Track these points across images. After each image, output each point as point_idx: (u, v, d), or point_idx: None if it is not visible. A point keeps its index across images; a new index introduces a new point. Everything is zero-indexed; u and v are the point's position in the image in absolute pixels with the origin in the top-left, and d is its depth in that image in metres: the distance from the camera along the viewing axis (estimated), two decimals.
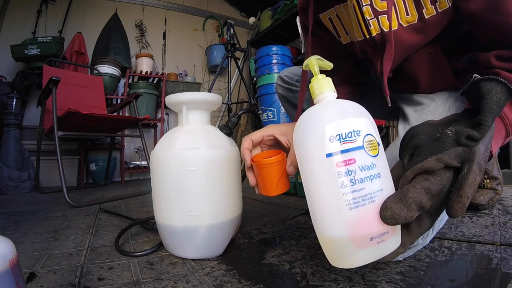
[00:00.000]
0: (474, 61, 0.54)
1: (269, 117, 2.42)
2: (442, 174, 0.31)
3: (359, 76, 0.73)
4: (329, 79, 0.34)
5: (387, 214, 0.28)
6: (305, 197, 0.33)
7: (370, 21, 0.54)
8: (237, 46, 2.19)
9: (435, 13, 0.50)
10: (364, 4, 0.52)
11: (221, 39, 3.10)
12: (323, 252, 0.33)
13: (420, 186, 0.30)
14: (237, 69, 2.45)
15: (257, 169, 0.47)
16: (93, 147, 2.46)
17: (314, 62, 0.35)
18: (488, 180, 0.82)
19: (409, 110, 0.59)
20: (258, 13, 3.14)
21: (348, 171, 0.28)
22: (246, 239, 0.69)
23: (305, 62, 0.36)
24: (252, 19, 3.17)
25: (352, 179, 0.28)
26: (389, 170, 0.32)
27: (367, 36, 0.56)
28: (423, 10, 0.51)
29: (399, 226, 0.31)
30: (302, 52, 2.37)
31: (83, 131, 1.71)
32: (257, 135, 0.52)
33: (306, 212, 0.94)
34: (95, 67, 2.32)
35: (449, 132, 0.32)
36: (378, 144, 0.30)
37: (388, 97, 0.54)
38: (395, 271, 0.47)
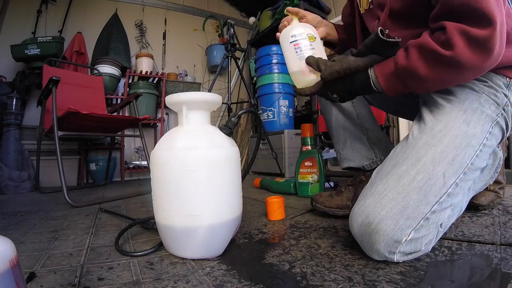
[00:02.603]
0: None
1: (269, 117, 2.41)
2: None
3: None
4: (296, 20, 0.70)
5: (306, 60, 0.59)
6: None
7: None
8: (237, 46, 2.18)
9: None
10: None
11: (221, 39, 3.10)
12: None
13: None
14: (237, 69, 2.45)
15: (267, 203, 0.89)
16: (93, 147, 2.46)
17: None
18: (491, 183, 0.82)
19: (425, 111, 0.59)
20: (258, 13, 3.13)
21: (298, 47, 0.62)
22: (246, 239, 0.69)
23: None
24: (252, 19, 3.17)
25: (298, 50, 0.62)
26: (323, 50, 0.64)
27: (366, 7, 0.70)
28: None
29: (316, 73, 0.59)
30: None
31: (83, 131, 1.70)
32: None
33: (306, 212, 0.94)
34: (95, 67, 2.31)
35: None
36: (315, 37, 0.64)
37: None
38: (395, 271, 0.47)
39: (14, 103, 1.96)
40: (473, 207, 0.80)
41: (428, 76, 0.49)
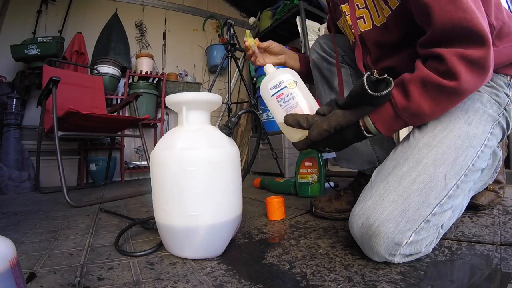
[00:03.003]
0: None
1: (269, 117, 2.41)
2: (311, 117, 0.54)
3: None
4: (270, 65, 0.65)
5: (286, 122, 0.55)
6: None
7: (351, 26, 0.67)
8: (237, 46, 2.18)
9: (390, 11, 0.58)
10: (347, 14, 0.68)
11: (221, 39, 3.10)
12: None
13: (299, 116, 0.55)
14: (237, 69, 2.45)
15: (267, 203, 0.89)
16: (93, 147, 2.46)
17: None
18: (491, 183, 0.82)
19: None
20: (258, 13, 3.13)
21: (280, 99, 0.58)
22: (246, 239, 0.69)
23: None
24: (252, 19, 3.17)
25: (282, 102, 0.58)
26: (307, 94, 0.59)
27: (352, 39, 0.70)
28: (383, 11, 0.60)
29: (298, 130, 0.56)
30: (302, 52, 2.37)
31: (83, 131, 1.70)
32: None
33: (307, 212, 0.94)
34: (95, 67, 2.31)
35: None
36: (296, 82, 0.58)
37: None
38: (395, 271, 0.47)
39: (14, 103, 1.96)
40: (473, 207, 0.80)
41: (434, 111, 0.48)
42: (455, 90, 0.44)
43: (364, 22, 0.65)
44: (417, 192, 0.49)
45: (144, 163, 2.49)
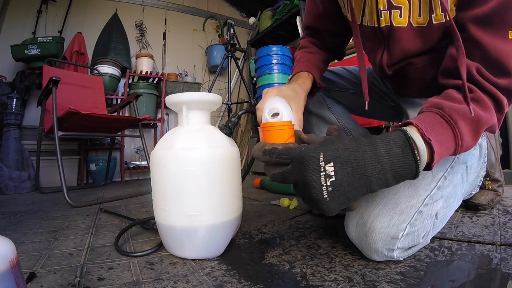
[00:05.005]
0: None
1: None
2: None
3: (339, 48, 0.78)
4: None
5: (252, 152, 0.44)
6: None
7: (382, 12, 0.55)
8: (237, 46, 2.19)
9: (443, 20, 0.49)
10: None
11: (221, 39, 3.10)
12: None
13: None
14: (237, 69, 2.45)
15: (263, 132, 0.48)
16: (93, 147, 2.46)
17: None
18: (489, 182, 0.82)
19: (412, 113, 0.59)
20: (258, 13, 3.14)
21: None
22: (246, 239, 0.69)
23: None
24: (252, 19, 3.17)
25: None
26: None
27: (376, 25, 0.57)
28: (433, 15, 0.50)
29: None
30: None
31: (83, 131, 1.70)
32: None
33: (307, 212, 0.94)
34: (95, 67, 2.31)
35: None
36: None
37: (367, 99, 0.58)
38: (395, 271, 0.47)
39: (14, 103, 1.96)
40: (473, 207, 0.80)
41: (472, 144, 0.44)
42: (492, 126, 0.44)
43: (400, 16, 0.53)
44: (406, 186, 0.50)
45: (144, 163, 2.49)
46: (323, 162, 0.38)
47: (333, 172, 0.38)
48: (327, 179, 0.38)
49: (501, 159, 0.90)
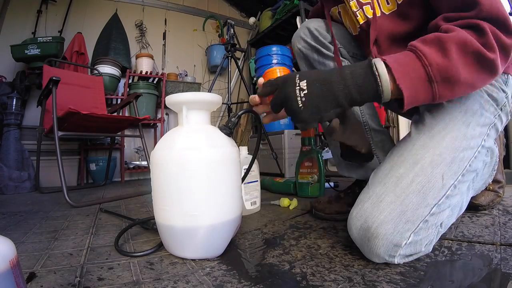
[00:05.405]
0: None
1: None
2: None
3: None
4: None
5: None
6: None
7: (357, 12, 0.64)
8: (237, 46, 2.19)
9: None
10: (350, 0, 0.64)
11: (221, 39, 3.10)
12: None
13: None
14: (237, 69, 2.45)
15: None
16: (93, 147, 2.46)
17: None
18: (491, 183, 0.82)
19: (423, 109, 0.58)
20: (258, 13, 3.14)
21: None
22: (246, 239, 0.69)
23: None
24: (252, 19, 3.17)
25: None
26: None
27: (358, 27, 0.66)
28: None
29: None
30: None
31: (83, 131, 1.70)
32: None
33: (307, 212, 0.94)
34: (95, 67, 2.31)
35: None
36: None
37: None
38: (395, 271, 0.47)
39: (14, 103, 1.96)
40: (473, 207, 0.80)
41: (467, 80, 0.43)
42: (492, 64, 0.43)
43: (371, 9, 0.61)
44: (415, 193, 0.49)
45: (144, 163, 2.49)
46: (298, 80, 0.47)
47: (305, 86, 0.47)
48: (301, 92, 0.47)
49: (503, 159, 0.90)
